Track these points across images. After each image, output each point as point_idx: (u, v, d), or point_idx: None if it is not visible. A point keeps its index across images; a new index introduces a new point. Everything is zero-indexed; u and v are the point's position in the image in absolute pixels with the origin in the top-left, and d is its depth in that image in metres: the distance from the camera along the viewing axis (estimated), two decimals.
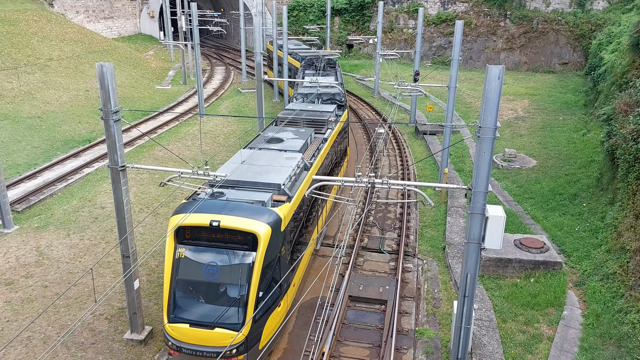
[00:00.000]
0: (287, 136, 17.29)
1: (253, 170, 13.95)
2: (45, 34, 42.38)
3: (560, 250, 17.08)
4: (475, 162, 9.55)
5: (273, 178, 13.45)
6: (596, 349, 12.64)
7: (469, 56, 51.01)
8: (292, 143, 16.54)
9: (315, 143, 17.97)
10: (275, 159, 14.89)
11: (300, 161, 15.14)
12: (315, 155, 16.74)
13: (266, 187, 13.12)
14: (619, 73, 26.17)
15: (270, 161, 14.72)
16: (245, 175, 13.52)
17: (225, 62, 57.99)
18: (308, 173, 15.21)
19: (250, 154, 15.23)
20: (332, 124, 20.14)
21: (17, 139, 27.81)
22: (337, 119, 21.11)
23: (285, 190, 13.19)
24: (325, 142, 18.25)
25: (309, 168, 15.62)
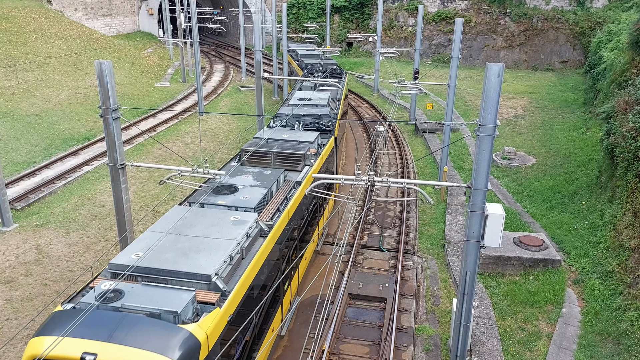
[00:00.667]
0: (245, 182, 13.29)
1: (179, 246, 9.73)
2: (43, 31, 42.29)
3: (559, 248, 17.11)
4: (474, 160, 9.56)
5: (202, 263, 9.21)
6: (595, 346, 12.68)
7: (469, 54, 50.98)
8: (248, 194, 12.42)
9: (282, 191, 13.70)
10: (218, 223, 10.66)
11: (253, 227, 10.94)
12: (280, 211, 12.50)
13: (190, 278, 8.95)
14: (619, 71, 26.18)
15: (210, 228, 10.46)
16: (164, 256, 9.37)
17: (224, 59, 57.92)
18: (265, 241, 10.90)
19: (186, 213, 11.04)
20: (311, 159, 15.84)
21: (16, 137, 27.78)
22: (318, 150, 17.01)
23: (217, 283, 9.01)
24: (298, 187, 14.15)
25: (267, 233, 11.30)
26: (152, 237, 10.10)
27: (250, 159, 15.28)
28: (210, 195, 12.45)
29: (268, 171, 14.04)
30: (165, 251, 9.60)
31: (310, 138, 16.87)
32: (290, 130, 17.99)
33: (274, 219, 12.05)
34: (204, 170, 12.32)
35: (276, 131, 17.64)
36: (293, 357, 12.72)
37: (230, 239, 10.06)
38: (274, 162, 15.23)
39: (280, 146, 15.66)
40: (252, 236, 10.81)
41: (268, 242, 11.08)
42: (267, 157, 15.26)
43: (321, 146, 17.58)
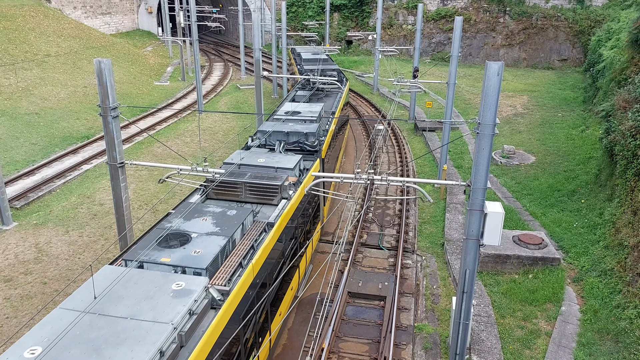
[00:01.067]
0: (202, 227, 10.38)
1: (93, 336, 7.26)
2: (42, 29, 42.23)
3: (559, 246, 17.13)
4: (474, 158, 9.56)
5: None
6: (594, 344, 12.70)
7: (468, 52, 50.97)
8: (202, 247, 9.61)
9: (250, 236, 10.82)
10: (154, 295, 8.12)
11: (200, 298, 8.41)
12: (243, 267, 9.86)
13: None
14: (618, 69, 26.18)
15: (142, 302, 7.94)
16: (68, 354, 6.91)
17: (223, 58, 57.87)
18: (216, 317, 8.36)
19: (115, 279, 8.51)
20: (289, 191, 13.14)
21: (15, 136, 27.76)
22: (300, 178, 14.36)
23: None
24: (270, 230, 11.28)
25: (221, 304, 8.72)
26: (61, 318, 7.54)
27: (216, 191, 12.72)
28: (155, 248, 9.59)
29: (233, 211, 11.20)
30: (72, 344, 7.01)
31: (291, 163, 14.30)
32: (268, 153, 15.38)
33: (232, 281, 9.31)
34: (203, 168, 12.32)
35: (252, 154, 15.07)
36: (292, 355, 12.74)
37: (164, 322, 7.46)
38: (245, 195, 12.65)
39: (253, 175, 13.06)
40: (197, 312, 8.14)
41: (221, 317, 8.39)
42: (237, 189, 12.64)
43: (304, 172, 15.12)
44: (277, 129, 17.08)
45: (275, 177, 12.95)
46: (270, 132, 16.91)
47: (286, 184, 13.05)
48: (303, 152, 16.52)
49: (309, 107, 20.60)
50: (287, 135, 16.91)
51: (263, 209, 12.40)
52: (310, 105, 20.84)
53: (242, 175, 12.94)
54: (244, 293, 9.54)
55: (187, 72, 47.13)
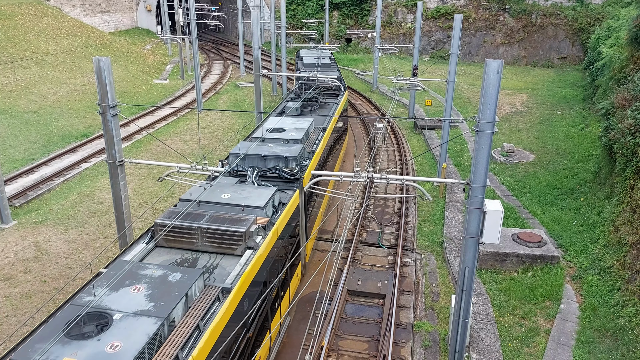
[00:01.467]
0: (129, 301, 8.04)
1: None
2: (41, 27, 42.16)
3: (558, 244, 17.14)
4: (473, 156, 9.56)
5: None
6: (593, 342, 12.73)
7: (468, 50, 50.93)
8: (122, 339, 7.24)
9: (194, 314, 8.38)
10: None
11: None
12: None
13: None
14: (618, 67, 26.17)
15: None
16: None
17: (223, 56, 57.81)
18: None
19: None
20: (256, 238, 10.68)
21: (14, 134, 27.74)
22: (272, 218, 11.87)
23: None
24: (225, 299, 8.91)
25: None
26: None
27: (167, 238, 10.32)
28: (61, 340, 7.17)
29: (177, 274, 8.67)
30: None
31: (261, 199, 11.76)
32: (236, 185, 12.71)
33: None
34: (202, 167, 12.32)
35: (216, 187, 12.39)
36: (292, 353, 12.76)
37: None
38: (202, 243, 10.25)
39: (213, 217, 10.66)
40: None
41: None
42: (192, 236, 10.27)
43: (279, 208, 12.50)
44: (253, 151, 14.64)
45: (239, 220, 10.62)
46: (244, 156, 14.47)
47: (253, 229, 10.58)
48: (282, 181, 14.25)
49: (295, 123, 18.05)
50: (263, 159, 14.52)
51: (223, 262, 10.09)
52: (297, 121, 18.24)
53: (200, 218, 10.60)
54: None
55: (186, 70, 47.08)
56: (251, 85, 42.07)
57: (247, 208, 11.43)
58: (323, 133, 18.77)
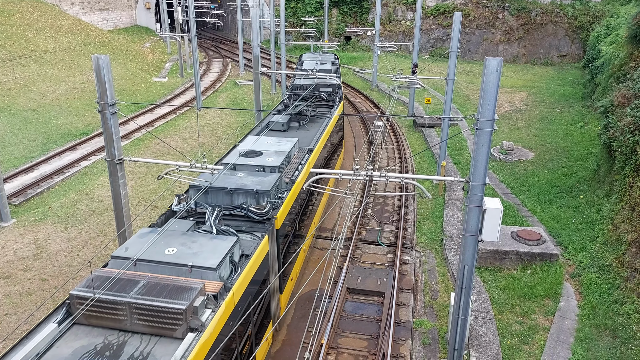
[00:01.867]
0: None
1: None
2: (40, 25, 42.08)
3: (557, 242, 17.17)
4: (472, 154, 9.56)
5: None
6: (592, 339, 12.75)
7: (467, 48, 50.89)
8: None
9: None
10: None
11: None
12: None
13: None
14: (617, 65, 26.16)
15: None
16: None
17: (222, 54, 57.74)
18: None
19: None
20: (202, 315, 8.17)
21: (13, 132, 27.71)
22: (229, 279, 9.32)
23: None
24: None
25: None
26: None
27: (88, 314, 8.04)
28: None
29: None
30: None
31: (216, 255, 9.15)
32: (188, 235, 9.88)
33: None
34: (202, 165, 12.31)
35: (163, 237, 9.75)
36: (291, 351, 12.78)
37: None
38: (132, 322, 7.95)
39: (148, 284, 8.30)
40: None
41: None
42: (119, 312, 7.95)
43: (241, 264, 9.76)
44: (218, 183, 12.03)
45: (182, 290, 8.10)
46: (207, 189, 11.83)
47: (198, 303, 7.97)
48: (249, 221, 11.51)
49: (277, 143, 15.30)
50: (230, 194, 11.86)
51: (158, 349, 7.65)
52: (279, 142, 15.46)
53: (131, 287, 8.20)
54: None
55: (185, 68, 47.02)
56: (250, 83, 42.03)
57: (195, 269, 8.83)
58: (309, 155, 16.00)
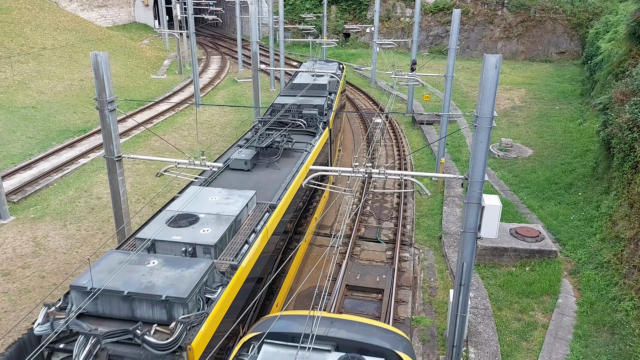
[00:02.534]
0: None
1: None
2: (38, 22, 41.95)
3: (556, 239, 17.19)
4: (471, 151, 9.56)
5: None
6: (590, 336, 12.79)
7: (466, 45, 50.84)
8: None
9: None
10: None
11: None
12: None
13: None
14: (616, 62, 26.16)
15: None
16: None
17: (221, 51, 57.62)
18: None
19: None
20: None
21: (11, 129, 27.65)
22: None
23: None
24: None
25: None
26: None
27: None
28: None
29: None
30: None
31: None
32: None
33: None
34: (200, 162, 12.30)
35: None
36: None
37: None
38: None
39: None
40: None
41: None
42: None
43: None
44: (112, 284, 7.77)
45: None
46: (96, 294, 7.62)
47: None
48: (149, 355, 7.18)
49: (224, 200, 10.81)
50: (128, 302, 7.71)
51: None
52: (227, 197, 10.91)
53: None
54: None
55: (184, 65, 46.92)
56: (249, 80, 41.96)
57: None
58: (269, 215, 11.28)
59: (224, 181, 13.20)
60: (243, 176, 13.64)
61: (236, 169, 14.10)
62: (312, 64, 27.61)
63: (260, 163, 14.69)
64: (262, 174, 14.00)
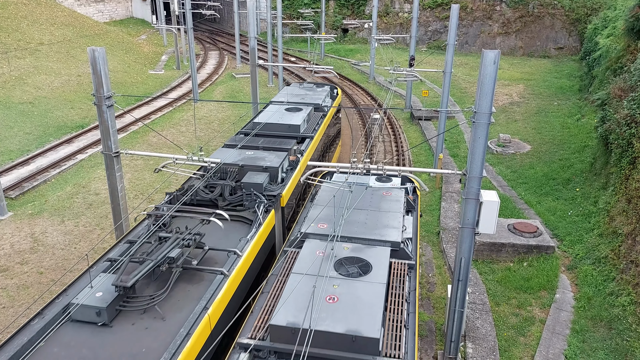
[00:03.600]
0: None
1: None
2: (35, 17, 41.75)
3: (553, 234, 17.23)
4: (470, 147, 9.57)
5: None
6: (587, 331, 12.84)
7: (465, 41, 50.77)
8: None
9: None
10: None
11: None
12: None
13: None
14: (614, 58, 26.16)
15: None
16: None
17: (219, 46, 57.45)
18: None
19: None
20: None
21: (8, 125, 27.56)
22: None
23: None
24: None
25: None
26: None
27: None
28: None
29: None
30: None
31: None
32: None
33: None
34: (199, 158, 12.29)
35: None
36: None
37: None
38: None
39: None
40: None
41: None
42: None
43: None
44: None
45: None
46: None
47: None
48: None
49: None
50: None
51: None
52: None
53: None
54: None
55: (182, 61, 46.78)
56: (247, 76, 41.86)
57: None
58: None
59: (51, 356, 7.34)
60: (92, 338, 7.69)
61: (83, 321, 7.96)
62: (296, 89, 21.34)
63: (130, 308, 8.23)
64: (129, 334, 7.77)
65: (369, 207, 10.84)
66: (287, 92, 20.59)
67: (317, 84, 22.72)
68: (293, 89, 21.36)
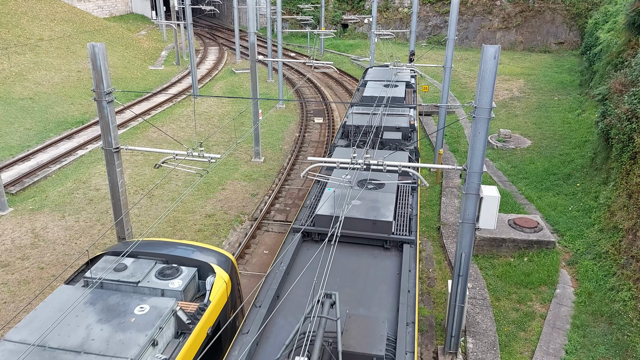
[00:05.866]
0: None
1: None
2: (35, 13, 41.64)
3: (554, 229, 17.24)
4: (470, 142, 9.55)
5: None
6: (588, 326, 12.87)
7: (465, 36, 50.62)
8: None
9: None
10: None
11: None
12: None
13: None
14: (615, 52, 26.09)
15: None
16: None
17: (218, 42, 57.31)
18: None
19: None
20: None
21: (9, 121, 27.54)
22: None
23: None
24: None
25: None
26: None
27: None
28: None
29: None
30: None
31: None
32: None
33: None
34: (199, 153, 12.28)
35: None
36: None
37: None
38: None
39: None
40: None
41: None
42: None
43: None
44: None
45: None
46: None
47: None
48: None
49: None
50: None
51: None
52: None
53: None
54: None
55: (181, 56, 46.69)
56: (247, 71, 41.78)
57: None
58: None
59: None
60: None
61: None
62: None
63: None
64: None
65: None
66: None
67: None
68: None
